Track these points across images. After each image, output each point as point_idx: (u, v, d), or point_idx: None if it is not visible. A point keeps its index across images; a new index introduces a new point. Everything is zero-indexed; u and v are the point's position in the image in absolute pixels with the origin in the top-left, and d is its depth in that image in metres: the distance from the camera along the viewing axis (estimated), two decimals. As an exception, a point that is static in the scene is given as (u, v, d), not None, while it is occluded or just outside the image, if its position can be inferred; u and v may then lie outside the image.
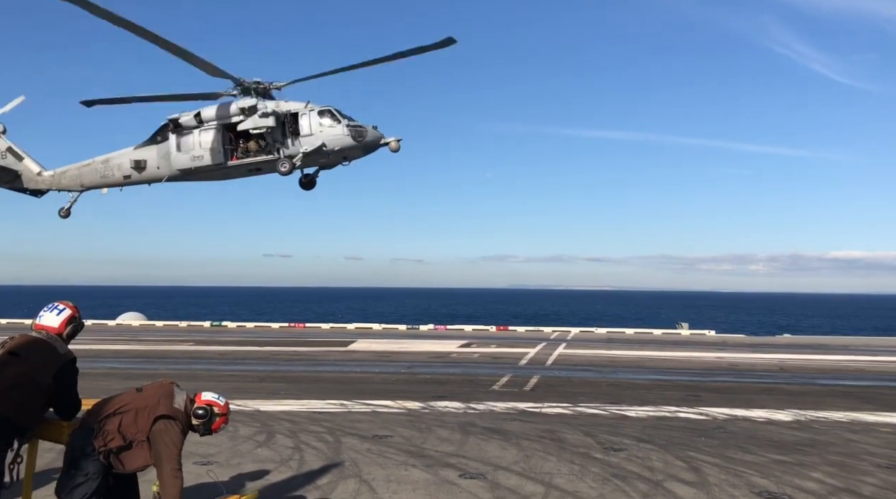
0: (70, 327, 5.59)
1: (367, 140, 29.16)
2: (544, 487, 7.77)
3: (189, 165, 31.08)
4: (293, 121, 30.81)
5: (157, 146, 32.55)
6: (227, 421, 5.82)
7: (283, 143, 30.90)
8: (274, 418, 11.50)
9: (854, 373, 19.05)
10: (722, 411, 12.69)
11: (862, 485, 7.95)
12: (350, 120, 30.40)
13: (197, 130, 31.24)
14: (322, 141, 30.07)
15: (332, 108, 30.03)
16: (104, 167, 32.03)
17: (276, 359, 21.09)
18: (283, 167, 28.86)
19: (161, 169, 31.39)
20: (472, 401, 13.38)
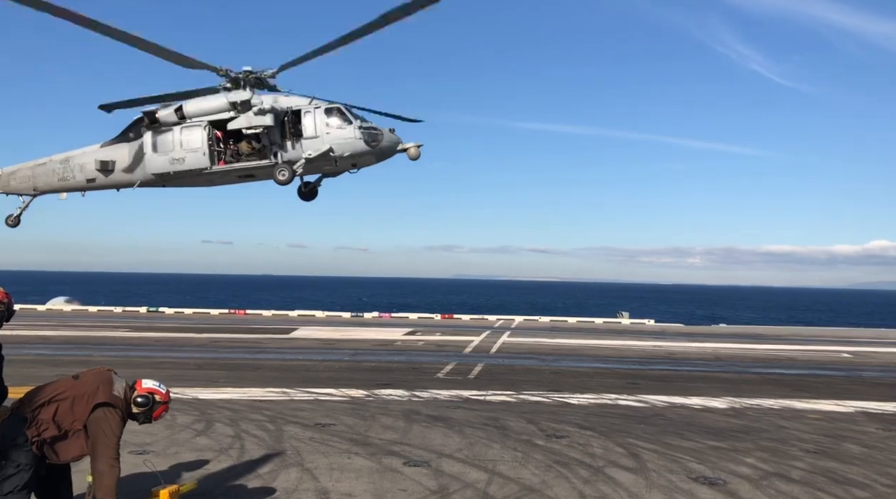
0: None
1: (383, 145, 26.16)
2: (487, 474, 7.81)
3: (166, 169, 27.26)
4: (295, 120, 27.09)
5: (128, 145, 28.57)
6: (168, 409, 5.66)
7: (281, 145, 27.21)
8: (213, 407, 11.25)
9: (786, 362, 19.75)
10: (660, 398, 12.98)
11: (791, 470, 8.24)
12: (362, 120, 26.83)
13: (177, 127, 27.44)
14: (329, 145, 26.48)
15: (342, 104, 26.64)
16: (63, 168, 28.36)
17: (216, 346, 20.66)
18: (282, 175, 25.60)
19: (132, 172, 27.79)
20: (417, 389, 13.36)
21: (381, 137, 25.74)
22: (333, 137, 26.12)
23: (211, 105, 27.46)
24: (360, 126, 26.57)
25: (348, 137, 26.54)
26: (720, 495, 7.18)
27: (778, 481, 7.77)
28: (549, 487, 7.38)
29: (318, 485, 7.32)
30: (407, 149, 27.02)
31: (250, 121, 26.16)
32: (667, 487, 7.46)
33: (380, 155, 26.59)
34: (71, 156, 28.40)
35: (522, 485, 7.42)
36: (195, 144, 27.14)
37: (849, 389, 14.86)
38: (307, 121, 26.29)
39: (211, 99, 26.98)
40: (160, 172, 27.52)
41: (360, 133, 26.13)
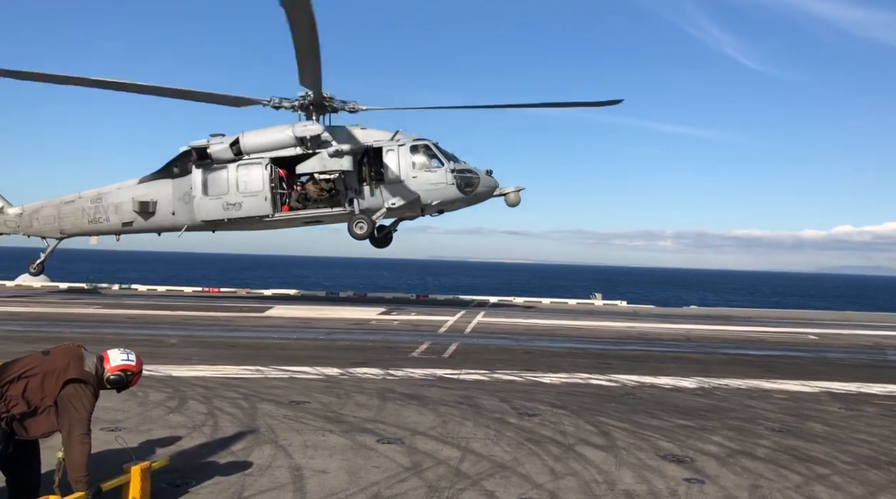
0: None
1: (479, 191, 22.21)
2: (460, 451, 7.90)
3: (219, 215, 22.64)
4: (375, 159, 22.35)
5: (171, 182, 23.44)
6: (141, 375, 5.69)
7: (358, 191, 22.21)
8: (186, 384, 11.21)
9: (755, 343, 20.12)
10: (631, 378, 13.18)
11: (757, 448, 8.44)
12: (455, 160, 22.62)
13: (233, 164, 22.74)
14: (416, 192, 21.98)
15: (431, 142, 22.57)
16: (94, 208, 23.33)
17: (190, 324, 20.50)
18: (359, 228, 21.32)
19: (178, 215, 23.07)
20: (391, 367, 13.42)
21: (476, 182, 21.57)
22: (421, 181, 21.42)
23: (274, 139, 22.25)
24: (452, 169, 21.94)
25: (439, 182, 21.68)
26: (688, 473, 7.35)
27: (744, 458, 7.96)
28: (521, 464, 7.50)
29: (291, 462, 7.36)
30: (506, 194, 22.75)
31: (324, 164, 21.37)
32: (636, 464, 7.61)
33: (474, 201, 22.64)
34: (104, 193, 23.58)
35: (495, 462, 7.53)
36: (255, 186, 22.03)
37: (814, 369, 15.20)
38: (390, 161, 21.59)
39: (273, 131, 22.14)
40: (212, 218, 22.76)
41: (453, 177, 21.59)
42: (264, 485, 6.60)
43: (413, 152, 22.08)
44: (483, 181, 21.58)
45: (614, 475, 7.20)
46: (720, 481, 7.12)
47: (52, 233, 23.91)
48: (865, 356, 18.09)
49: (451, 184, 21.23)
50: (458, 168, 21.55)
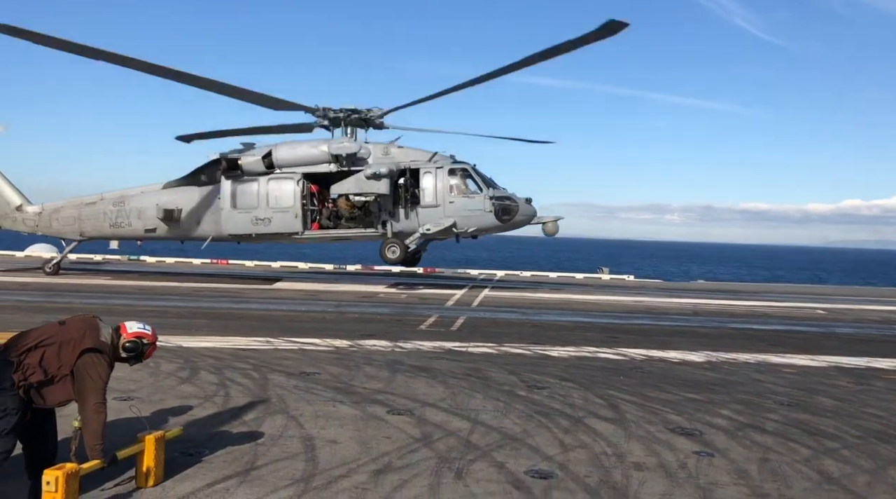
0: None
1: (517, 220, 21.55)
2: (470, 423, 7.95)
3: (247, 230, 21.77)
4: (412, 181, 21.55)
5: (198, 190, 22.44)
6: (156, 348, 5.74)
7: (393, 213, 21.29)
8: (197, 355, 11.29)
9: (763, 317, 20.10)
10: (639, 351, 13.20)
11: (766, 421, 8.46)
12: (493, 186, 21.81)
13: (264, 178, 21.70)
14: (453, 218, 21.08)
15: (469, 165, 21.62)
16: (116, 212, 22.41)
17: (199, 295, 20.60)
18: (392, 253, 20.51)
19: (203, 226, 22.19)
20: (400, 340, 13.48)
21: (515, 210, 20.76)
22: (458, 207, 20.59)
23: (308, 154, 21.32)
24: (491, 195, 21.19)
25: (476, 209, 20.86)
26: (697, 446, 7.38)
27: (753, 432, 7.98)
28: (531, 436, 7.54)
29: (303, 432, 7.42)
30: (544, 223, 22.21)
31: (360, 186, 20.59)
32: (645, 437, 7.64)
33: (510, 228, 21.96)
34: (127, 196, 22.70)
35: (504, 434, 7.57)
36: (285, 202, 21.16)
37: (822, 344, 15.18)
38: (426, 184, 20.70)
39: (307, 146, 21.28)
40: (239, 232, 22.21)
41: (491, 204, 20.78)
42: (276, 454, 6.66)
43: (451, 176, 21.32)
44: (522, 210, 20.96)
45: (624, 448, 7.23)
46: (729, 454, 7.14)
47: (72, 235, 23.27)
48: (874, 331, 18.07)
49: (488, 211, 20.57)
50: (497, 195, 20.85)
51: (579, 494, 5.93)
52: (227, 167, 21.96)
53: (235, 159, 21.26)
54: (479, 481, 6.12)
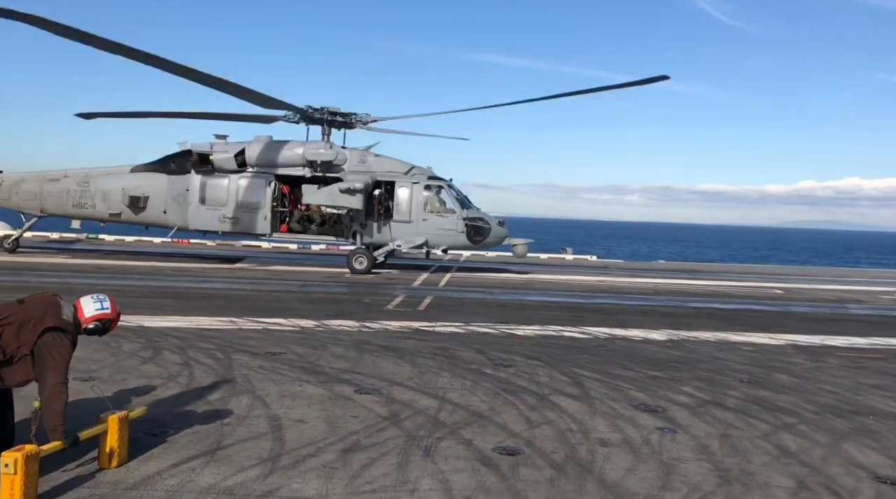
0: None
1: (488, 241, 21.44)
2: (438, 401, 7.99)
3: (215, 227, 21.38)
4: (387, 193, 21.22)
5: (167, 178, 21.71)
6: (119, 317, 5.62)
7: (364, 225, 21.17)
8: (160, 334, 11.12)
9: (722, 296, 20.52)
10: (603, 330, 13.38)
11: (726, 398, 8.67)
12: (467, 206, 21.48)
13: (235, 175, 21.07)
14: (425, 236, 20.82)
15: (446, 182, 21.37)
16: (80, 192, 21.57)
17: (160, 274, 20.26)
18: (359, 263, 20.26)
19: (170, 215, 21.60)
20: (367, 320, 13.44)
21: (486, 233, 20.63)
22: (431, 225, 20.34)
23: (282, 156, 20.83)
24: (465, 216, 21.00)
25: (449, 229, 20.66)
26: (660, 422, 7.52)
27: (714, 408, 8.17)
28: (498, 413, 7.61)
29: (269, 412, 7.37)
30: (514, 245, 22.15)
31: (334, 199, 20.21)
32: (609, 414, 7.77)
33: (481, 248, 21.76)
34: (92, 176, 21.97)
35: (472, 411, 7.62)
36: (255, 203, 20.74)
37: (780, 322, 15.57)
38: (401, 199, 20.34)
39: (282, 148, 20.79)
40: (206, 229, 21.81)
41: (464, 225, 20.64)
42: (243, 434, 6.60)
43: (426, 192, 21.20)
44: (494, 232, 21.07)
45: (589, 424, 7.34)
46: (692, 430, 7.30)
47: (33, 210, 22.56)
48: (829, 310, 18.57)
49: (461, 232, 20.55)
50: (471, 216, 20.86)
51: (546, 470, 6.00)
52: (197, 161, 21.49)
53: (207, 154, 20.82)
54: (448, 459, 6.15)
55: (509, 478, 5.77)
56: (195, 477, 5.50)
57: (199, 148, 20.85)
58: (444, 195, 20.85)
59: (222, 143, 20.85)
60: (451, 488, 5.51)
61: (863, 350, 12.47)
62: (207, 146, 20.84)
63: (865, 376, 10.26)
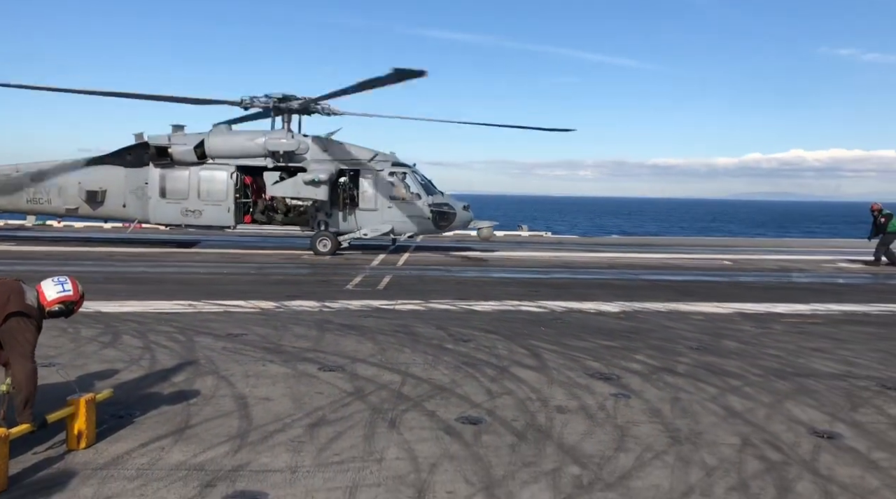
0: None
1: (454, 226, 21.41)
2: (401, 375, 8.18)
3: (177, 221, 20.78)
4: (351, 181, 20.83)
5: (124, 172, 21.05)
6: (83, 298, 5.64)
7: (330, 215, 20.83)
8: (118, 319, 11.06)
9: (673, 269, 21.12)
10: (559, 303, 13.72)
11: (677, 364, 9.05)
12: (432, 191, 21.22)
13: (195, 167, 20.38)
14: (391, 224, 20.56)
15: (410, 168, 21.08)
16: (35, 189, 20.89)
17: (113, 259, 19.94)
18: (323, 246, 19.98)
19: (129, 209, 20.98)
20: (327, 300, 13.53)
21: (452, 218, 20.65)
22: (397, 213, 20.24)
23: (243, 147, 20.36)
24: (430, 202, 20.88)
25: (415, 215, 20.62)
26: (614, 389, 7.85)
27: (665, 374, 8.54)
28: (459, 385, 7.84)
29: (234, 391, 7.47)
30: (480, 229, 22.26)
31: (298, 191, 19.86)
32: (566, 382, 8.07)
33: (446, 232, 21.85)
34: (45, 170, 21.24)
35: (434, 385, 7.84)
36: (217, 195, 20.27)
37: (728, 292, 16.15)
38: (366, 186, 20.12)
39: (243, 138, 20.31)
40: (168, 222, 21.21)
41: (430, 211, 20.59)
42: (210, 413, 6.70)
43: (391, 179, 21.21)
44: (459, 216, 21.27)
45: (547, 393, 7.62)
46: (644, 395, 7.64)
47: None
48: (773, 279, 19.29)
49: (426, 218, 20.65)
50: (436, 202, 20.95)
51: (507, 436, 6.26)
52: (155, 153, 21.03)
53: (165, 147, 20.41)
54: (413, 429, 6.36)
55: (472, 445, 6.01)
56: (165, 455, 5.60)
57: (156, 140, 20.49)
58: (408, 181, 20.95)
59: (180, 134, 20.50)
60: (417, 456, 5.73)
61: (805, 316, 13.05)
62: (165, 138, 20.47)
63: (807, 340, 10.79)
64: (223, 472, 5.31)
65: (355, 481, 5.21)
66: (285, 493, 4.98)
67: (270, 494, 4.96)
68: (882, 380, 8.48)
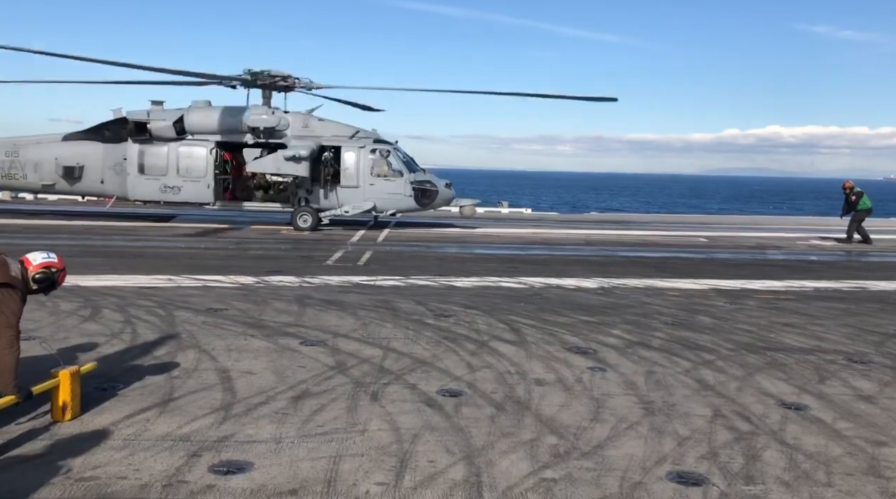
0: None
1: (435, 203, 21.35)
2: (382, 350, 8.30)
3: (156, 197, 20.58)
4: (333, 159, 20.62)
5: (102, 147, 20.75)
6: (66, 273, 5.70)
7: (311, 191, 20.70)
8: (97, 293, 11.03)
9: (650, 245, 21.39)
10: (538, 280, 13.89)
11: (652, 339, 9.27)
12: (413, 169, 21.12)
13: (175, 143, 20.06)
14: (373, 201, 20.45)
15: (392, 145, 20.96)
16: (10, 162, 20.45)
17: (90, 233, 19.77)
18: (303, 221, 19.87)
19: (107, 185, 20.75)
20: (307, 275, 13.58)
21: (434, 196, 20.67)
22: (379, 189, 20.18)
23: (223, 123, 20.24)
24: (412, 180, 20.86)
25: (397, 192, 20.56)
26: (591, 362, 8.04)
27: (641, 349, 8.74)
28: (440, 359, 7.98)
29: (217, 364, 7.54)
30: (462, 207, 22.31)
31: (279, 166, 19.68)
32: (545, 356, 8.24)
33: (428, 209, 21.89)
34: (21, 144, 20.89)
35: (415, 359, 7.97)
36: (197, 171, 20.05)
37: (703, 269, 16.42)
38: (348, 164, 20.05)
39: (223, 114, 20.12)
40: (147, 199, 21.03)
41: (412, 189, 20.58)
42: (193, 386, 6.78)
43: (373, 156, 21.19)
44: (441, 194, 21.37)
45: (526, 367, 7.79)
46: (620, 368, 7.83)
47: None
48: (748, 256, 19.63)
49: (408, 195, 20.74)
50: (418, 179, 21.02)
51: (486, 408, 6.41)
52: (133, 129, 20.85)
53: (143, 122, 20.26)
54: (395, 402, 6.49)
55: (453, 417, 6.15)
56: (150, 426, 5.68)
57: (134, 116, 20.32)
58: (390, 159, 21.00)
59: (159, 110, 20.33)
60: (399, 427, 5.86)
61: (778, 292, 13.35)
62: (144, 114, 20.30)
63: (779, 315, 11.05)
64: (209, 442, 5.41)
65: (339, 451, 5.34)
66: (270, 462, 5.09)
67: (256, 463, 5.07)
68: (849, 354, 8.76)
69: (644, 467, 5.24)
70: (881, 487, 5.04)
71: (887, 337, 9.76)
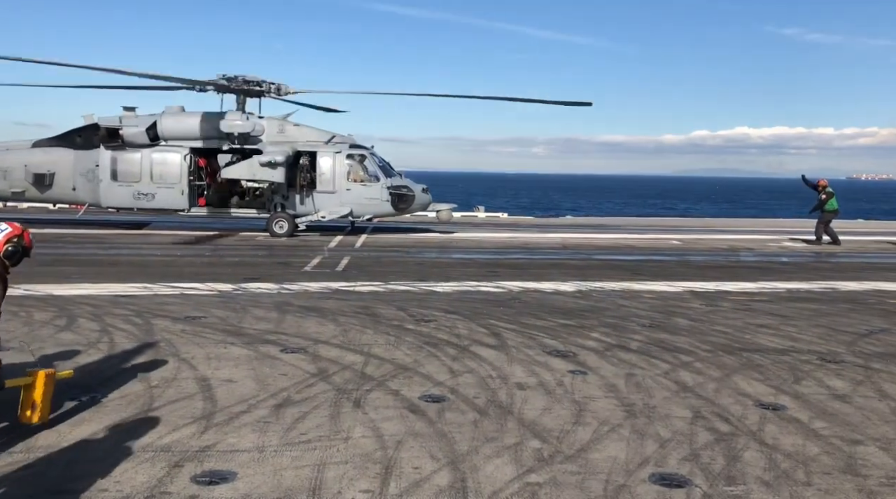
0: None
1: (412, 208, 21.26)
2: (363, 356, 8.29)
3: (129, 204, 20.24)
4: (309, 165, 20.40)
5: (73, 153, 20.40)
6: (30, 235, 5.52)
7: (287, 197, 20.47)
8: (72, 303, 10.88)
9: (626, 249, 21.58)
10: (516, 284, 13.96)
11: (630, 341, 9.36)
12: (390, 173, 20.99)
13: (148, 149, 19.75)
14: (350, 206, 20.30)
15: (368, 150, 20.80)
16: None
17: (61, 241, 19.46)
18: (279, 227, 19.69)
19: (79, 192, 20.36)
20: (285, 282, 13.51)
21: (411, 200, 20.65)
22: (355, 195, 20.07)
23: (197, 129, 19.99)
24: (389, 185, 20.81)
25: (373, 198, 20.43)
26: (571, 366, 8.10)
27: (619, 351, 8.83)
28: (422, 365, 7.99)
29: (197, 373, 7.48)
30: (439, 212, 22.28)
31: (254, 172, 19.51)
32: (525, 360, 8.29)
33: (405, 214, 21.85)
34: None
35: (397, 364, 7.97)
36: (171, 178, 19.77)
37: (678, 271, 16.62)
38: (324, 169, 19.92)
39: (197, 120, 19.87)
40: (120, 206, 20.78)
41: (388, 194, 20.53)
42: (173, 395, 6.71)
43: (349, 162, 21.14)
44: (417, 199, 21.38)
45: (507, 371, 7.83)
46: (600, 371, 7.90)
47: None
48: (722, 258, 19.88)
49: (385, 201, 20.74)
50: (395, 184, 21.01)
51: (469, 413, 6.43)
52: (105, 135, 20.57)
53: (116, 128, 19.98)
54: (378, 408, 6.49)
55: (436, 422, 6.17)
56: (131, 437, 5.61)
57: (106, 121, 20.06)
58: (367, 163, 20.98)
59: (132, 115, 20.11)
60: (383, 434, 5.86)
61: (752, 294, 13.55)
62: (116, 120, 20.04)
63: (753, 317, 11.22)
64: (191, 452, 5.36)
65: (323, 459, 5.32)
66: (254, 471, 5.06)
67: (239, 472, 5.04)
68: (822, 354, 8.93)
69: (627, 469, 5.30)
70: (858, 485, 5.14)
71: (858, 337, 9.96)
